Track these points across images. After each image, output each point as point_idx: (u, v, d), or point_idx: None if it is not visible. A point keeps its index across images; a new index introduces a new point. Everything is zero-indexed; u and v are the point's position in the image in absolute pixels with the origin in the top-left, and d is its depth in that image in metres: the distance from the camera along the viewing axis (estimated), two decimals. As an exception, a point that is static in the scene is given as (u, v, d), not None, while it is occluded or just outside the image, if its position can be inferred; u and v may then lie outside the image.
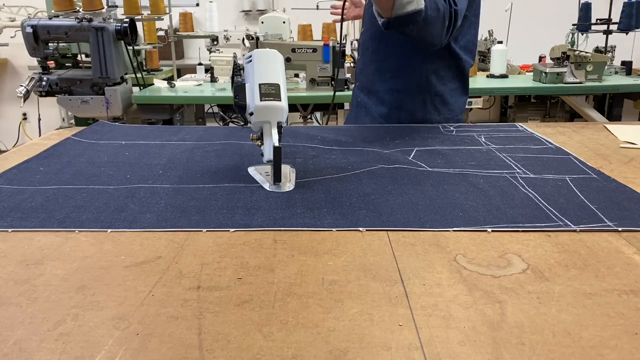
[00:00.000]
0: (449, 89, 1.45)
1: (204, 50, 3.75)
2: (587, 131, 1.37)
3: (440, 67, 1.42)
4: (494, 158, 1.12)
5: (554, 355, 0.50)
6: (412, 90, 1.42)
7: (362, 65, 1.53)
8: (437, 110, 1.44)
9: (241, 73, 1.04)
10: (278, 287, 0.63)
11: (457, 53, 1.41)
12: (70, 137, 1.33)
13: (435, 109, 1.44)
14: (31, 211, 0.85)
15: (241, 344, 0.52)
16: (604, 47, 3.41)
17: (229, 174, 1.03)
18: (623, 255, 0.70)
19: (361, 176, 1.01)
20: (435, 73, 1.42)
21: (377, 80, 1.47)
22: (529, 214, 0.83)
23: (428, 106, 1.43)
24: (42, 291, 0.62)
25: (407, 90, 1.43)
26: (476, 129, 1.39)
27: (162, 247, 0.73)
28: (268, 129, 0.96)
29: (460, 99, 1.50)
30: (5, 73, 5.27)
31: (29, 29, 2.43)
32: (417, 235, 0.76)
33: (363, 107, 1.52)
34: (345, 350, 0.51)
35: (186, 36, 3.84)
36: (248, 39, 2.79)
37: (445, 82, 1.44)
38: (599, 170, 1.04)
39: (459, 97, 1.49)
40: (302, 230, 0.78)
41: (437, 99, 1.44)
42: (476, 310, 0.57)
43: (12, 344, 0.52)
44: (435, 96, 1.43)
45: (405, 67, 1.41)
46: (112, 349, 0.51)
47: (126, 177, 1.02)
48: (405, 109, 1.44)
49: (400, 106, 1.45)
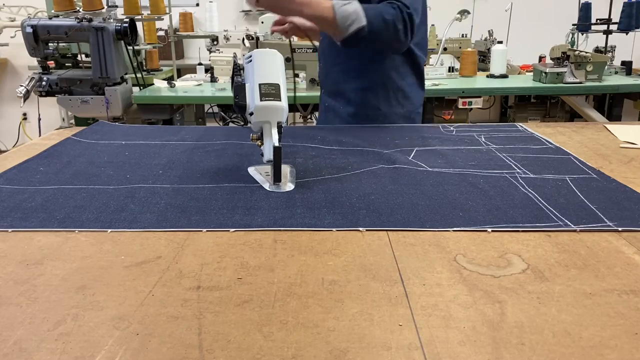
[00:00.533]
0: (408, 83, 1.52)
1: (204, 50, 3.75)
2: (587, 131, 1.37)
3: (399, 64, 1.49)
4: (494, 158, 1.12)
5: (554, 355, 0.50)
6: (376, 87, 1.50)
7: (326, 71, 1.60)
8: (400, 104, 1.52)
9: (241, 73, 1.04)
10: (278, 287, 0.63)
11: (412, 49, 1.47)
12: (70, 137, 1.33)
13: (398, 103, 1.52)
14: (31, 211, 0.85)
15: (241, 344, 0.52)
16: (604, 47, 3.41)
17: (229, 174, 1.03)
18: (623, 255, 0.70)
19: (361, 176, 1.01)
20: (395, 69, 1.49)
21: (342, 82, 1.54)
22: (529, 214, 0.83)
23: (392, 101, 1.51)
24: (42, 291, 0.62)
25: (370, 88, 1.50)
26: (476, 129, 1.39)
27: (162, 247, 0.73)
28: (268, 129, 0.96)
29: (419, 93, 1.57)
30: (5, 73, 5.27)
31: (29, 29, 2.43)
32: (417, 235, 0.76)
33: (331, 110, 1.59)
34: (345, 350, 0.51)
35: (186, 36, 3.84)
36: (248, 39, 2.79)
37: (405, 77, 1.51)
38: (599, 170, 1.04)
39: (418, 91, 1.57)
40: (302, 230, 0.78)
41: (399, 93, 1.51)
42: (476, 310, 0.57)
43: (12, 344, 0.52)
44: (398, 91, 1.51)
45: (368, 67, 1.49)
46: (112, 349, 0.51)
47: (126, 177, 1.02)
48: (371, 105, 1.51)
49: (366, 103, 1.51)
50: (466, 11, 3.23)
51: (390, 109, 1.50)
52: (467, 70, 3.29)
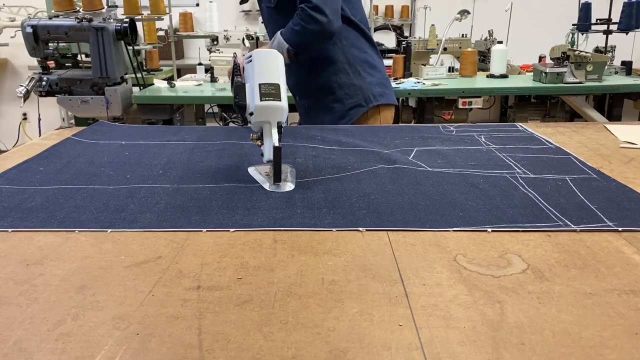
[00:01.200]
0: (369, 54, 1.67)
1: (204, 50, 3.75)
2: (587, 131, 1.37)
3: (354, 40, 1.63)
4: (494, 158, 1.12)
5: (554, 355, 0.50)
6: (344, 68, 1.62)
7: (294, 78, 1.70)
8: (369, 74, 1.65)
9: (241, 73, 1.04)
10: (278, 287, 0.63)
11: (358, 24, 1.63)
12: (70, 137, 1.33)
13: (368, 74, 1.65)
14: (31, 211, 0.85)
15: (241, 344, 0.52)
16: (604, 47, 3.41)
17: (229, 174, 1.03)
18: (623, 255, 0.70)
19: (361, 176, 1.01)
20: (353, 46, 1.63)
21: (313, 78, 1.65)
22: (529, 214, 0.83)
23: (362, 74, 1.64)
24: (42, 291, 0.62)
25: (340, 70, 1.62)
26: (476, 129, 1.39)
27: (162, 247, 0.73)
28: (268, 129, 0.96)
29: (380, 62, 1.72)
30: (5, 73, 5.27)
31: (29, 29, 2.42)
32: (417, 235, 0.76)
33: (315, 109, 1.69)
34: (345, 350, 0.51)
35: (186, 36, 3.84)
36: (248, 39, 2.79)
37: (364, 50, 1.66)
38: (599, 170, 1.04)
39: (379, 60, 1.71)
40: (302, 230, 0.78)
41: (365, 65, 1.65)
42: (476, 310, 0.57)
43: (12, 344, 0.52)
44: (363, 63, 1.64)
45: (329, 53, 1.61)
46: (112, 349, 0.51)
47: (126, 177, 1.02)
48: (347, 84, 1.63)
49: (342, 84, 1.63)
50: (466, 11, 3.23)
51: (363, 81, 1.63)
52: (467, 70, 3.29)
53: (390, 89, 1.72)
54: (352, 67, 1.62)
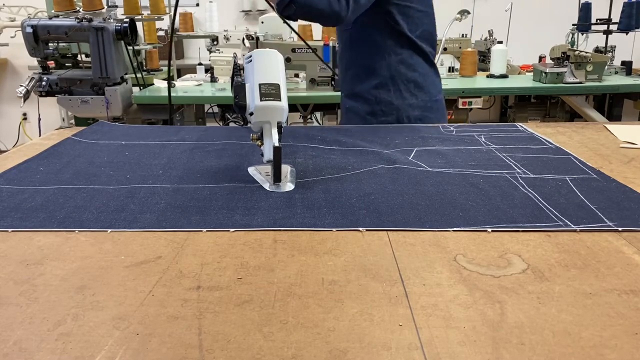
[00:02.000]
0: (420, 73, 1.57)
1: (204, 50, 3.75)
2: (587, 131, 1.37)
3: (406, 56, 1.55)
4: (494, 158, 1.12)
5: (554, 355, 0.50)
6: (386, 83, 1.56)
7: (342, 75, 1.69)
8: (413, 95, 1.57)
9: (241, 73, 1.04)
10: (278, 287, 0.63)
11: (414, 41, 1.54)
12: (70, 137, 1.33)
13: (411, 95, 1.57)
14: (31, 211, 0.85)
15: (241, 344, 0.52)
16: (604, 47, 3.41)
17: (229, 174, 1.03)
18: (623, 255, 0.70)
19: (361, 176, 1.01)
20: (403, 62, 1.55)
21: (356, 84, 1.61)
22: (529, 214, 0.83)
23: (404, 93, 1.56)
24: (42, 291, 0.62)
25: (381, 84, 1.57)
26: (476, 129, 1.39)
27: (162, 247, 0.73)
28: (268, 129, 0.96)
29: (434, 81, 1.62)
30: (5, 73, 5.27)
31: (29, 29, 2.43)
32: (417, 235, 0.76)
33: (352, 111, 1.65)
34: (345, 350, 0.51)
35: (186, 36, 3.84)
36: (248, 39, 2.79)
37: (415, 68, 1.57)
38: (599, 170, 1.04)
39: (433, 79, 1.62)
40: (302, 230, 0.78)
41: (410, 85, 1.56)
42: (476, 310, 0.57)
43: (12, 344, 0.52)
44: (409, 83, 1.56)
45: (376, 66, 1.56)
46: (112, 349, 0.51)
47: (126, 177, 1.02)
48: (384, 101, 1.57)
49: (379, 99, 1.58)
50: (466, 11, 3.23)
51: (403, 101, 1.56)
52: (467, 70, 3.29)
53: (438, 112, 1.61)
54: (395, 85, 1.55)
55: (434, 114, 1.59)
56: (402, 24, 1.50)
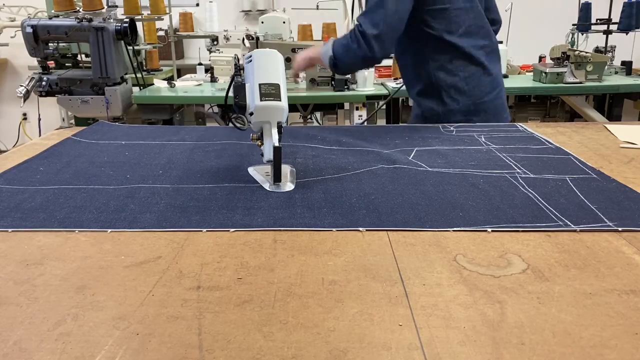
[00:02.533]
0: (462, 78, 1.53)
1: (204, 50, 3.75)
2: (587, 131, 1.37)
3: (444, 62, 1.53)
4: (494, 158, 1.12)
5: (554, 355, 0.50)
6: (428, 90, 1.58)
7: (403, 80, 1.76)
8: (454, 100, 1.54)
9: (241, 74, 1.04)
10: (278, 287, 0.63)
11: (454, 44, 1.50)
12: (70, 137, 1.33)
13: (452, 100, 1.54)
14: (31, 211, 0.85)
15: (241, 344, 0.52)
16: (604, 47, 3.41)
17: (229, 174, 1.03)
18: (623, 255, 0.70)
19: (361, 176, 1.01)
20: (442, 68, 1.53)
21: (409, 89, 1.69)
22: (529, 214, 0.83)
23: (444, 99, 1.55)
24: (42, 291, 0.62)
25: (423, 91, 1.60)
26: (476, 129, 1.39)
27: (162, 247, 0.73)
28: (268, 129, 0.96)
29: (480, 82, 1.55)
30: (5, 73, 5.27)
31: (29, 29, 2.42)
32: (417, 235, 0.76)
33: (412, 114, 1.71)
34: (345, 350, 0.51)
35: (186, 36, 3.83)
36: (248, 39, 2.79)
37: (456, 72, 1.53)
38: (599, 170, 1.04)
39: (480, 80, 1.54)
40: (302, 230, 0.78)
41: (451, 90, 1.54)
42: (476, 310, 0.57)
43: (12, 344, 0.52)
44: (449, 88, 1.54)
45: (416, 73, 1.60)
46: (112, 349, 0.51)
47: (126, 177, 1.02)
48: (426, 107, 1.59)
49: (422, 105, 1.61)
50: (466, 11, 3.22)
51: (444, 107, 1.55)
52: (467, 70, 3.28)
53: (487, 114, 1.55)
54: (436, 91, 1.54)
55: (478, 116, 1.54)
56: (438, 29, 1.48)
